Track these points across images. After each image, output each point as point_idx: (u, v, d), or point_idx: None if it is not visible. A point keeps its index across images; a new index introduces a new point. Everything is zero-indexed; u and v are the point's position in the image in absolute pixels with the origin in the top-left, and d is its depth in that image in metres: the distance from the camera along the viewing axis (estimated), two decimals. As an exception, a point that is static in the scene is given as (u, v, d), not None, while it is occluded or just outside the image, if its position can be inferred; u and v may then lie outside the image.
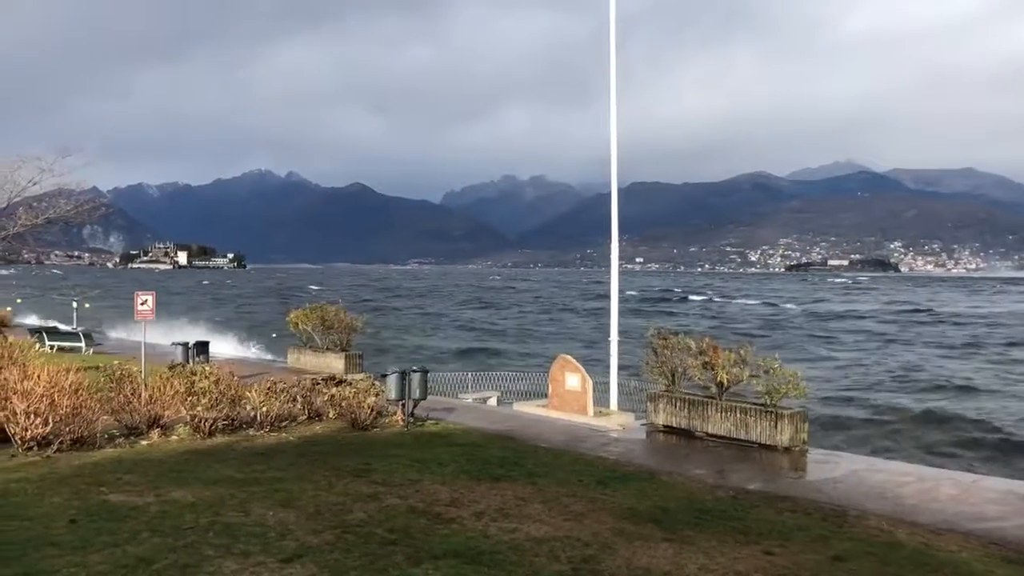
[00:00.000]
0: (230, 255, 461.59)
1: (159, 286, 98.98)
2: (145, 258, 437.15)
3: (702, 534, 8.40)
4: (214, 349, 25.82)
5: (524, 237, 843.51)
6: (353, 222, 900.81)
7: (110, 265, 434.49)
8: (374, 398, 14.69)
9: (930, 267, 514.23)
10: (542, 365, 27.37)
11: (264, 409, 14.02)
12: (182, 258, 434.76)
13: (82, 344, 30.03)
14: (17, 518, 8.25)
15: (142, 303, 18.37)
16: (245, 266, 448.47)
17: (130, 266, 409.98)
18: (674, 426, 14.86)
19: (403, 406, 15.09)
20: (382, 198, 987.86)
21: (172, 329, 35.78)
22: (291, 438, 13.44)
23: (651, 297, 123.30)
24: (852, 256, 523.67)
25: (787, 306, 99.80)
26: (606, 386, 17.93)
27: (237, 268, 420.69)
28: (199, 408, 13.32)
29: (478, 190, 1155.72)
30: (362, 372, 22.58)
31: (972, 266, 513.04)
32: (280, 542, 7.63)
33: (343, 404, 14.62)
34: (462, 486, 10.16)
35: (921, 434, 23.27)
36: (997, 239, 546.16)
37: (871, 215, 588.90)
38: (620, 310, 18.79)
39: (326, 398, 15.18)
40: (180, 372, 15.03)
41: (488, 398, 21.33)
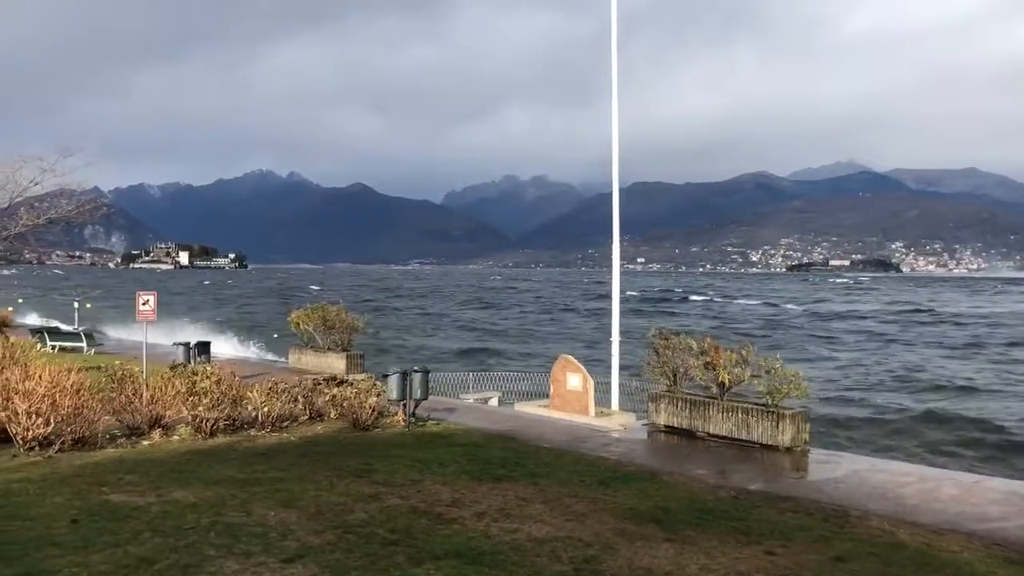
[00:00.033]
0: (231, 255, 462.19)
1: (160, 286, 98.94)
2: (147, 258, 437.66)
3: (703, 534, 8.40)
4: (215, 349, 25.85)
5: (525, 237, 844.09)
6: (354, 222, 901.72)
7: (111, 265, 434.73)
8: (375, 398, 14.68)
9: (932, 267, 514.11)
10: (543, 365, 27.40)
11: (265, 409, 14.03)
12: (183, 258, 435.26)
13: (83, 344, 30.08)
14: (19, 518, 8.26)
15: (144, 303, 18.43)
16: (246, 266, 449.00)
17: (131, 266, 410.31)
18: (675, 426, 14.86)
19: (404, 406, 15.09)
20: (383, 198, 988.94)
21: (173, 329, 35.85)
22: (292, 438, 13.43)
23: (652, 297, 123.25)
24: (854, 256, 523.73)
25: (788, 306, 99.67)
26: (607, 386, 17.88)
27: (238, 268, 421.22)
28: (200, 408, 13.32)
29: (479, 190, 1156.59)
30: (363, 372, 22.58)
31: (974, 266, 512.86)
32: (281, 542, 7.63)
33: (344, 404, 14.62)
34: (463, 486, 10.15)
35: (922, 434, 23.23)
36: (999, 239, 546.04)
37: (872, 215, 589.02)
38: (621, 310, 18.74)
39: (327, 398, 15.17)
40: (181, 372, 15.02)
41: (489, 398, 21.31)
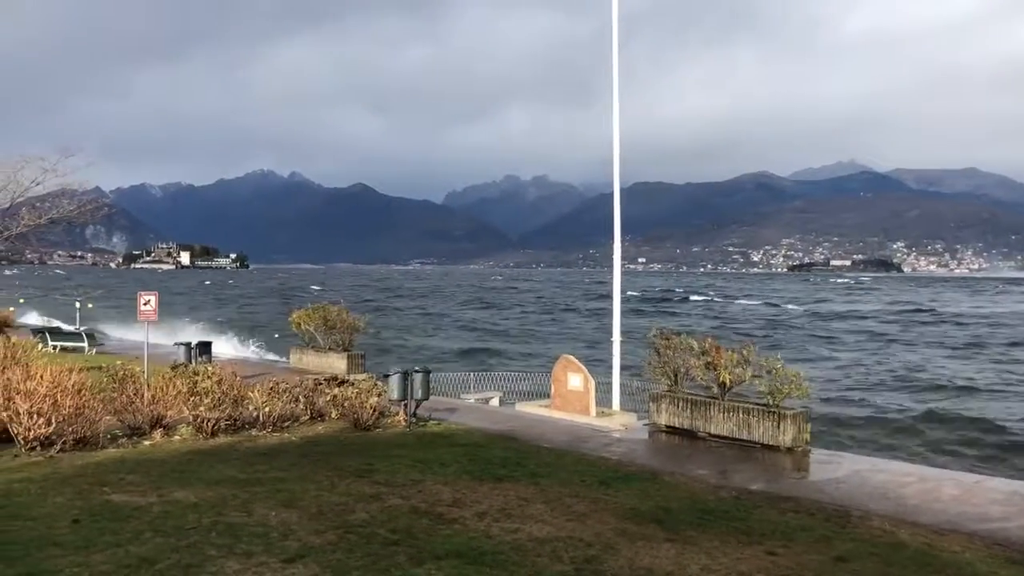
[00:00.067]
0: (233, 255, 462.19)
1: (162, 286, 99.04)
2: (148, 258, 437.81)
3: (705, 534, 8.40)
4: (216, 349, 25.88)
5: (526, 237, 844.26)
6: (355, 222, 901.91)
7: (113, 265, 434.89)
8: (376, 398, 14.68)
9: (933, 267, 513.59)
10: (544, 365, 27.41)
11: (267, 409, 14.03)
12: (185, 258, 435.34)
13: (85, 344, 30.10)
14: (20, 518, 8.27)
15: (145, 303, 18.43)
16: (248, 266, 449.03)
17: (133, 266, 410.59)
18: (676, 426, 14.86)
19: (405, 406, 15.10)
20: (384, 198, 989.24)
21: (175, 329, 35.92)
22: (293, 438, 13.44)
23: (653, 297, 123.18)
24: (855, 256, 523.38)
25: (789, 306, 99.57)
26: (608, 386, 17.87)
27: (240, 268, 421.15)
28: (202, 408, 13.33)
29: (480, 190, 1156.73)
30: (364, 372, 22.58)
31: (975, 266, 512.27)
32: (282, 542, 7.63)
33: (345, 404, 14.62)
34: (464, 486, 10.15)
35: (923, 434, 23.20)
36: (1000, 239, 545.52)
37: (873, 215, 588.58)
38: (622, 310, 18.73)
39: (328, 398, 15.16)
40: (183, 372, 15.02)
41: (490, 398, 21.31)
